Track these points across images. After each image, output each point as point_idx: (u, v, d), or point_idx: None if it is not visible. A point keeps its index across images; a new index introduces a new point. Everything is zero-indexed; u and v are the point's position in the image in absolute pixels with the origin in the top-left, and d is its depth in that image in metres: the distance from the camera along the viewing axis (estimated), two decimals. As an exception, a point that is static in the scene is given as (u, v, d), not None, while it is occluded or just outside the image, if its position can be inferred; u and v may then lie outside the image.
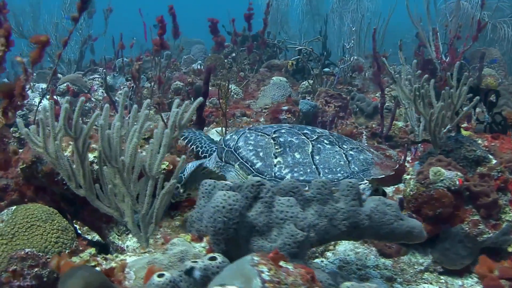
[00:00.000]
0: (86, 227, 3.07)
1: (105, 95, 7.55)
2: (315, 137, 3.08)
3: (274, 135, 3.05)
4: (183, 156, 2.05)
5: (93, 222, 2.75)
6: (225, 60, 8.83)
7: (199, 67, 8.77)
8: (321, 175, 2.84)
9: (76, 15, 3.30)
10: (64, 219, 2.46)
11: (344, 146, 3.07)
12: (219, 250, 1.56)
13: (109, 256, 1.78)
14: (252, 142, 3.05)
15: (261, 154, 2.98)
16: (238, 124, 5.35)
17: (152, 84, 7.80)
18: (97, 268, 1.72)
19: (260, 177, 2.83)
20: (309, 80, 6.93)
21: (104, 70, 8.03)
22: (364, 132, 5.47)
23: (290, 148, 2.97)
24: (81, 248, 2.42)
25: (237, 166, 3.00)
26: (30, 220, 2.33)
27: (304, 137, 3.05)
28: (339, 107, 5.59)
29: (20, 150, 3.19)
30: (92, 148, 2.74)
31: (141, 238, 1.95)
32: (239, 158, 3.01)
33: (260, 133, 3.11)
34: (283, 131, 3.11)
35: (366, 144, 4.95)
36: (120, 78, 7.99)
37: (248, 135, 3.12)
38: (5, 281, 2.26)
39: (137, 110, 2.17)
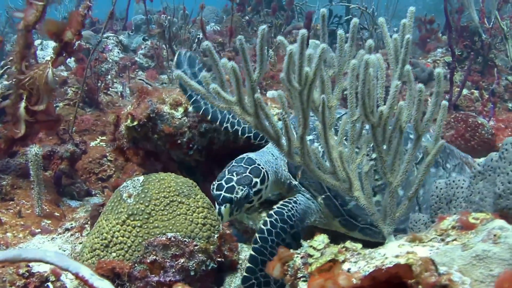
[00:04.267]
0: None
1: (121, 55, 6.82)
2: None
3: None
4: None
5: (216, 197, 2.18)
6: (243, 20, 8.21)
7: (217, 28, 8.09)
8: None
9: None
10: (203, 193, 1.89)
11: (447, 165, 2.56)
12: None
13: (348, 244, 1.24)
14: None
15: None
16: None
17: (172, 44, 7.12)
18: (352, 266, 1.19)
19: (352, 223, 2.28)
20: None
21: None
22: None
23: None
24: (227, 232, 1.87)
25: (321, 201, 2.26)
26: (168, 195, 1.74)
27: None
28: (401, 71, 5.07)
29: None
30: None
31: (383, 219, 1.41)
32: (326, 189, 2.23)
33: None
34: None
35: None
36: (137, 37, 7.21)
37: None
38: (139, 276, 1.67)
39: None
